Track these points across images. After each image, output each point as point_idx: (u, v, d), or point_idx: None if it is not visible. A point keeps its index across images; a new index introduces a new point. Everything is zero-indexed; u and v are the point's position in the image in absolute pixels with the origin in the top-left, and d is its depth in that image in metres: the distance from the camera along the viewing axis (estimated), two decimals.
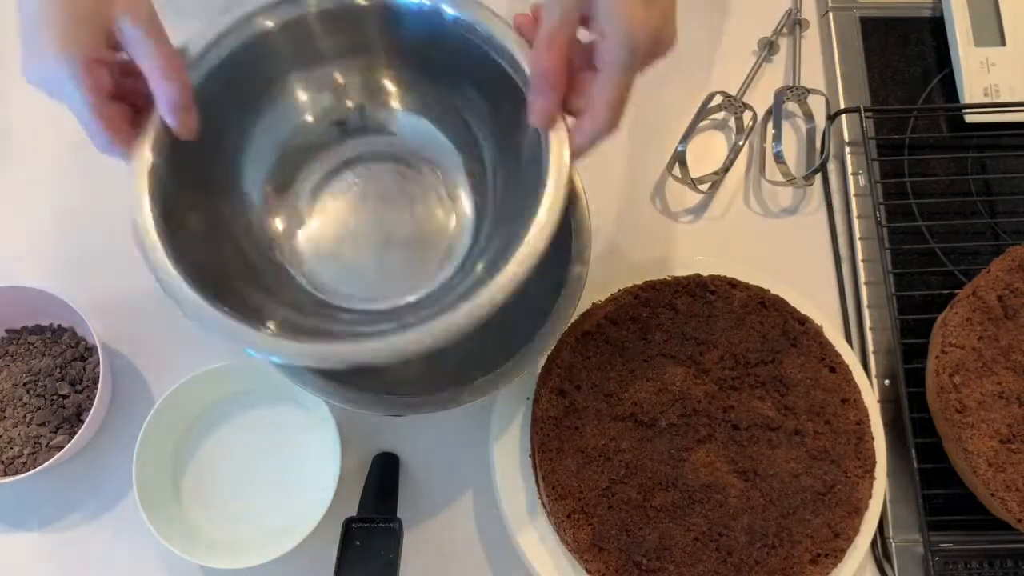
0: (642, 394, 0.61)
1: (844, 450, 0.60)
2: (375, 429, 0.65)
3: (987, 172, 0.74)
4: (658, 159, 0.73)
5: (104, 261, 0.68)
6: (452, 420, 0.65)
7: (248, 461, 0.63)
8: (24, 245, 0.69)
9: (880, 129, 0.74)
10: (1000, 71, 0.74)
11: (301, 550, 0.58)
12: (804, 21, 0.78)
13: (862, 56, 0.76)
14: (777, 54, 0.77)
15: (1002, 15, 0.75)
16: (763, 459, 0.60)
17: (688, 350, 0.63)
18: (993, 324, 0.62)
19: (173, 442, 0.63)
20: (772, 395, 0.62)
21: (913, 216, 0.72)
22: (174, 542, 0.57)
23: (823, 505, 0.59)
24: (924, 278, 0.70)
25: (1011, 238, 0.71)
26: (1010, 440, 0.59)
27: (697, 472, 0.59)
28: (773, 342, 0.63)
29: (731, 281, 0.65)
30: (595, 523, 0.58)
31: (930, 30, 0.78)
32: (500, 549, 0.63)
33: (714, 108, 0.73)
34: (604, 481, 0.59)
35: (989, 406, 0.60)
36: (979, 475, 0.59)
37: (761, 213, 0.73)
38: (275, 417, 0.64)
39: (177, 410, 0.61)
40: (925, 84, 0.76)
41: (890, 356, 0.67)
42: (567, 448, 0.60)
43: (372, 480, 0.62)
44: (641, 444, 0.60)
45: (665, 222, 0.72)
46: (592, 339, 0.63)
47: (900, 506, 0.63)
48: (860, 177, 0.72)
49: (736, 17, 0.78)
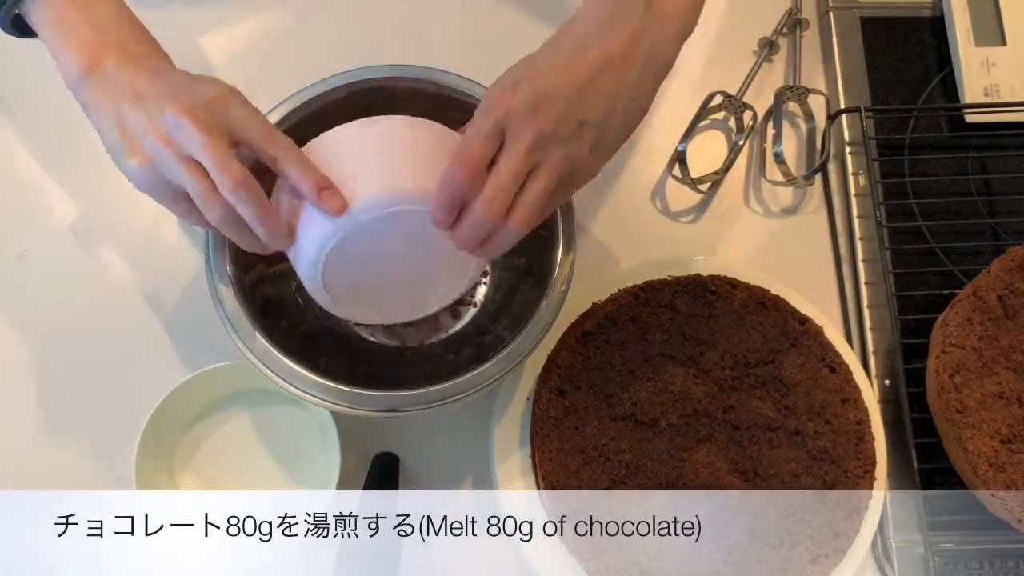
0: (642, 394, 0.61)
1: (844, 450, 0.60)
2: (375, 429, 0.65)
3: (987, 172, 0.74)
4: (658, 159, 0.73)
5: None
6: (452, 420, 0.65)
7: (248, 461, 0.63)
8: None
9: (880, 129, 0.74)
10: (1000, 71, 0.74)
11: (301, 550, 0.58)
12: (804, 21, 0.78)
13: (862, 56, 0.76)
14: (777, 54, 0.77)
15: (1002, 15, 0.75)
16: (763, 459, 0.60)
17: (688, 350, 0.63)
18: (993, 324, 0.62)
19: (173, 442, 0.63)
20: (772, 395, 0.62)
21: (913, 216, 0.72)
22: None
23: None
24: (924, 278, 0.70)
25: (1011, 238, 0.71)
26: (1010, 440, 0.59)
27: (697, 472, 0.59)
28: (773, 342, 0.63)
29: (731, 281, 0.65)
30: None
31: (930, 30, 0.78)
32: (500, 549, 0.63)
33: (714, 108, 0.73)
34: (604, 481, 0.59)
35: (989, 406, 0.60)
36: (979, 475, 0.59)
37: (761, 213, 0.73)
38: (275, 417, 0.64)
39: (177, 410, 0.61)
40: (925, 84, 0.76)
41: (890, 356, 0.67)
42: (567, 448, 0.60)
43: (372, 480, 0.62)
44: (641, 444, 0.60)
45: (665, 222, 0.72)
46: (592, 339, 0.63)
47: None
48: (860, 177, 0.72)
49: (736, 17, 0.78)
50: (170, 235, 0.69)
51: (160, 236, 0.69)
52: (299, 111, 0.58)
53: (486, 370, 0.53)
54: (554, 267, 0.55)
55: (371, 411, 0.53)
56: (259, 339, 0.52)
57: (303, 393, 0.52)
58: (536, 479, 0.61)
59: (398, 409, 0.53)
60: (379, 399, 0.53)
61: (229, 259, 0.54)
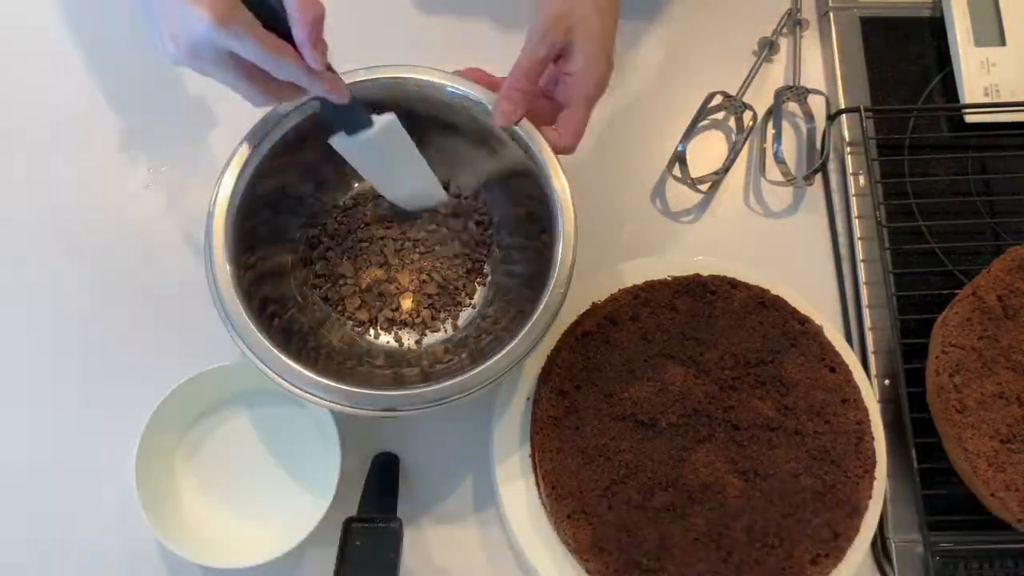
0: (642, 394, 0.61)
1: (844, 450, 0.60)
2: (375, 429, 0.65)
3: (987, 172, 0.74)
4: (658, 159, 0.73)
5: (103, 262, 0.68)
6: (452, 420, 0.65)
7: (248, 461, 0.63)
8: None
9: (880, 129, 0.74)
10: (1000, 71, 0.74)
11: (301, 550, 0.58)
12: (804, 21, 0.78)
13: (862, 56, 0.76)
14: (777, 54, 0.77)
15: (1002, 15, 0.75)
16: (763, 459, 0.60)
17: (688, 350, 0.63)
18: (993, 324, 0.62)
19: (173, 442, 0.63)
20: (772, 395, 0.62)
21: (913, 216, 0.72)
22: (174, 541, 0.57)
23: (823, 505, 0.59)
24: (924, 278, 0.70)
25: (1011, 238, 0.71)
26: (1010, 440, 0.59)
27: (697, 472, 0.59)
28: (773, 342, 0.63)
29: (731, 281, 0.65)
30: (595, 523, 0.58)
31: (930, 30, 0.78)
32: (500, 549, 0.63)
33: (714, 108, 0.73)
34: (604, 481, 0.59)
35: (989, 406, 0.60)
36: (979, 475, 0.59)
37: (761, 213, 0.73)
38: (275, 417, 0.64)
39: (177, 410, 0.61)
40: (925, 84, 0.76)
41: (890, 356, 0.67)
42: (567, 448, 0.60)
43: (372, 480, 0.62)
44: (641, 444, 0.60)
45: (665, 222, 0.72)
46: (592, 339, 0.63)
47: (900, 506, 0.63)
48: (860, 177, 0.72)
49: (736, 17, 0.78)
50: (170, 235, 0.69)
51: (160, 236, 0.69)
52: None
53: (484, 370, 0.53)
54: (553, 269, 0.55)
55: (370, 410, 0.52)
56: (259, 338, 0.52)
57: (302, 392, 0.52)
58: (536, 479, 0.61)
59: (396, 409, 0.53)
60: (378, 398, 0.53)
61: (229, 259, 0.54)
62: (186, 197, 0.70)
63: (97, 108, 0.72)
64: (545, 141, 0.57)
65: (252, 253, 0.58)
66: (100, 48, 0.74)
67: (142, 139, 0.72)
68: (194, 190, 0.70)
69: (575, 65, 0.55)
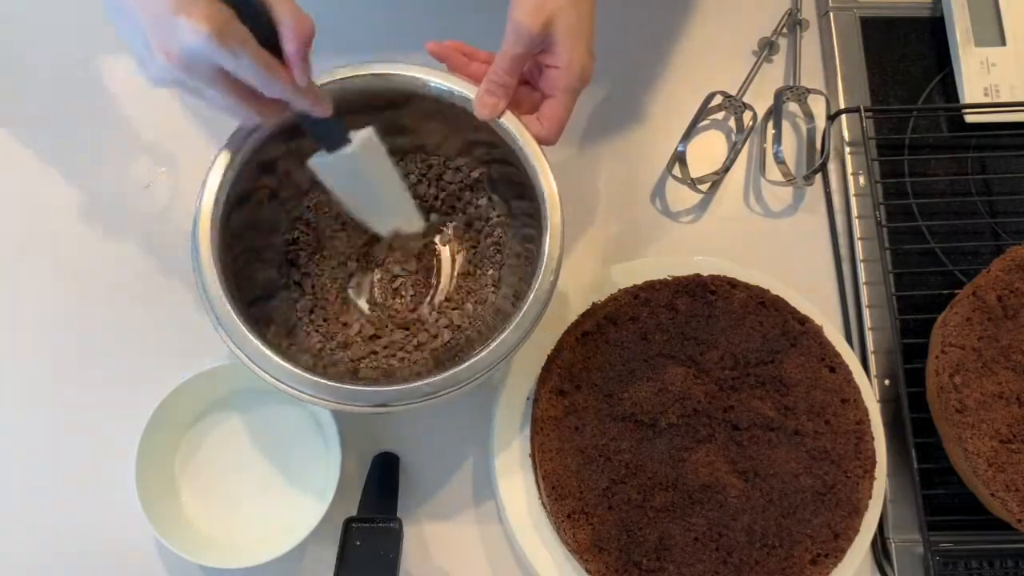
0: (642, 394, 0.61)
1: (844, 450, 0.60)
2: (375, 429, 0.65)
3: (987, 172, 0.74)
4: (658, 159, 0.73)
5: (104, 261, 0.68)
6: (452, 420, 0.65)
7: (248, 461, 0.63)
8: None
9: (880, 129, 0.74)
10: (1000, 71, 0.74)
11: (301, 550, 0.58)
12: (804, 21, 0.78)
13: (862, 56, 0.76)
14: (777, 54, 0.77)
15: (1002, 15, 0.75)
16: (763, 459, 0.60)
17: (688, 350, 0.63)
18: (993, 324, 0.62)
19: (173, 442, 0.63)
20: (772, 395, 0.62)
21: (913, 216, 0.72)
22: (174, 541, 0.57)
23: (823, 505, 0.59)
24: (924, 278, 0.70)
25: (1011, 238, 0.71)
26: (1010, 440, 0.59)
27: (697, 472, 0.59)
28: (773, 342, 0.63)
29: (731, 281, 0.65)
30: (595, 523, 0.58)
31: (930, 30, 0.78)
32: (500, 549, 0.63)
33: (714, 108, 0.73)
34: (604, 481, 0.59)
35: (989, 406, 0.60)
36: (979, 475, 0.59)
37: (761, 213, 0.73)
38: (276, 417, 0.64)
39: (177, 410, 0.61)
40: (925, 84, 0.76)
41: (890, 356, 0.67)
42: (567, 448, 0.60)
43: (372, 480, 0.62)
44: (641, 444, 0.60)
45: (665, 222, 0.72)
46: (592, 339, 0.63)
47: (900, 506, 0.63)
48: (860, 177, 0.72)
49: (736, 17, 0.78)
50: (168, 236, 0.69)
51: (158, 237, 0.69)
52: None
53: (476, 363, 0.52)
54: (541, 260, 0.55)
55: (363, 407, 0.52)
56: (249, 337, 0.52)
57: (294, 391, 0.52)
58: (536, 479, 0.61)
59: (389, 404, 0.52)
60: (370, 394, 0.52)
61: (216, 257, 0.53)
62: (186, 197, 0.70)
63: (97, 108, 0.72)
64: (529, 133, 0.56)
65: (238, 247, 0.57)
66: (100, 48, 0.74)
67: (142, 139, 0.72)
68: (194, 190, 0.70)
69: (557, 59, 0.55)
